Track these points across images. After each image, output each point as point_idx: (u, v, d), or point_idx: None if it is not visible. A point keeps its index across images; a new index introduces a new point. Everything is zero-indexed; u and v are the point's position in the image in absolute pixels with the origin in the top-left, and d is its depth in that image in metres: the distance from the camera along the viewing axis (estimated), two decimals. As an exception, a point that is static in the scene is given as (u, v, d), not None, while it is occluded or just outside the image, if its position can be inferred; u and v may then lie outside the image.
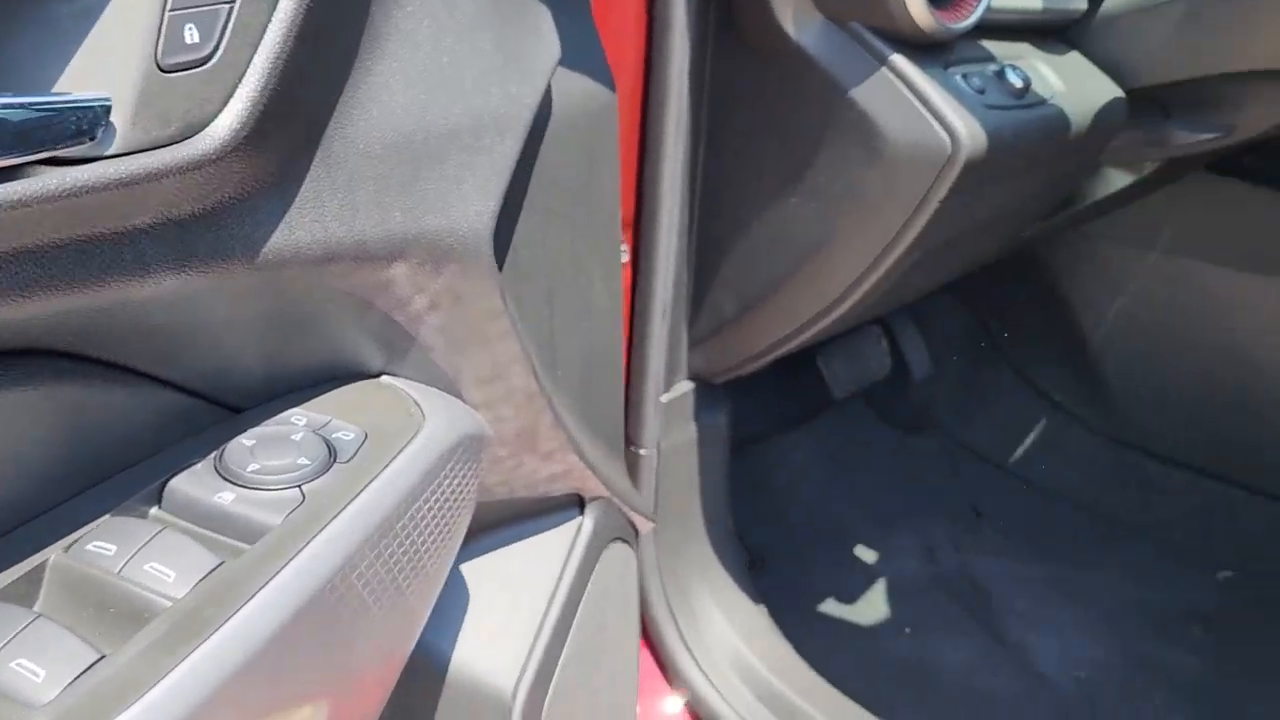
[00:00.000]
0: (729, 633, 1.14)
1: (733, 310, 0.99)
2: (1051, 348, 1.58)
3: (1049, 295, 1.54)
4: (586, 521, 0.71)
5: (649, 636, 1.13)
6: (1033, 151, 0.88)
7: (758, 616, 1.18)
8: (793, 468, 1.57)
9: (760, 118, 0.90)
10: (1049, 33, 0.99)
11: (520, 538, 0.68)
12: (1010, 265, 1.55)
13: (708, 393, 1.10)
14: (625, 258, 0.96)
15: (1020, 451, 1.61)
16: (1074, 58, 0.98)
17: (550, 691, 0.67)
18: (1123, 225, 1.43)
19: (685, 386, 1.07)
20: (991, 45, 0.90)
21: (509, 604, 0.67)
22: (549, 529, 0.69)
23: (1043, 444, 1.59)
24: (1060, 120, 0.88)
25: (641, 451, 1.06)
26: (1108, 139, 0.97)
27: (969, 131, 0.80)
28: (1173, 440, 1.50)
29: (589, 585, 0.71)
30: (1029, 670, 1.27)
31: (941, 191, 0.82)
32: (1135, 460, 1.53)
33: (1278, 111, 0.96)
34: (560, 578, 0.68)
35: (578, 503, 0.71)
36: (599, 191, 0.69)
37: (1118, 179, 1.24)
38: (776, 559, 1.43)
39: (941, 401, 1.67)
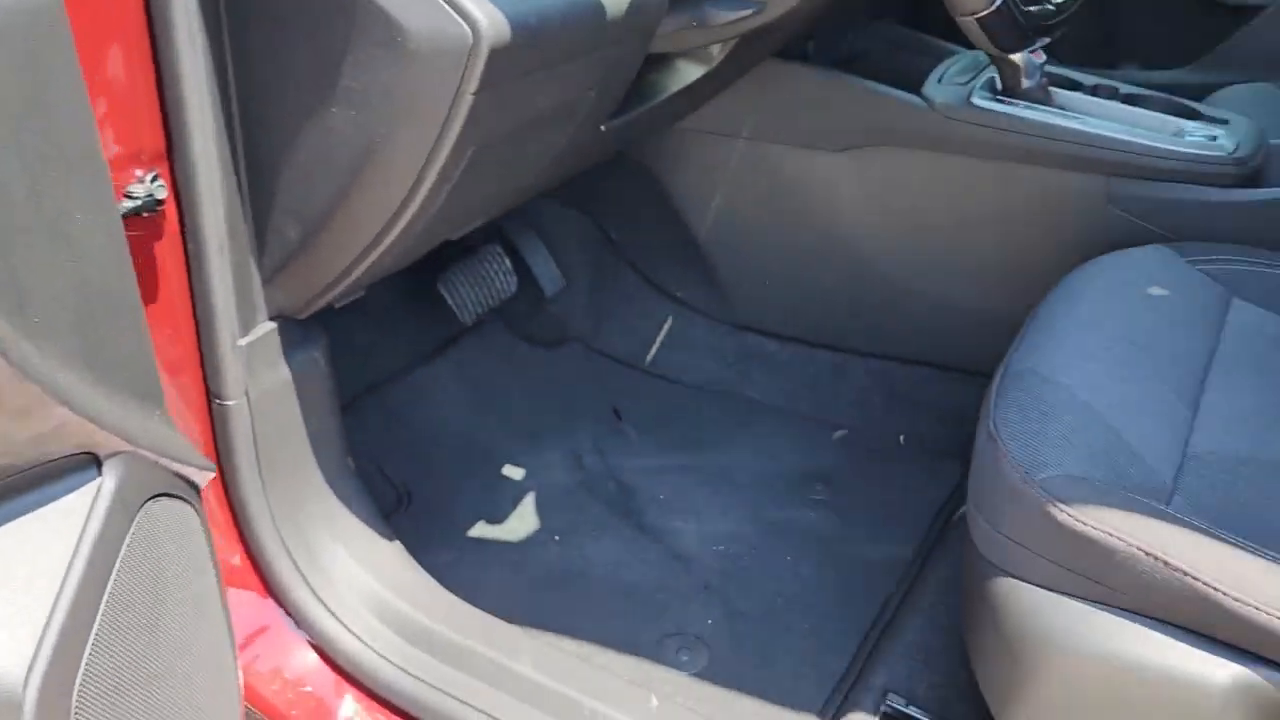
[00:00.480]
0: (362, 575, 1.09)
1: (297, 236, 0.93)
2: (667, 246, 1.63)
3: (657, 195, 1.58)
4: (107, 481, 0.63)
5: (275, 594, 1.07)
6: (567, 39, 0.87)
7: (394, 555, 1.15)
8: (435, 399, 1.54)
9: (285, 23, 0.83)
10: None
11: (21, 512, 0.60)
12: (618, 168, 1.58)
13: (297, 330, 1.03)
14: (163, 193, 0.87)
15: (654, 351, 1.66)
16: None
17: (81, 673, 0.60)
18: (713, 119, 1.48)
19: (267, 327, 1.00)
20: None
21: (18, 588, 0.59)
22: (59, 496, 0.61)
23: (672, 340, 1.65)
24: (591, 6, 0.88)
25: (230, 403, 0.98)
26: (650, 24, 0.98)
27: (489, 20, 0.78)
28: (784, 318, 1.59)
29: (124, 549, 0.64)
30: (672, 554, 1.32)
31: (472, 84, 0.79)
32: (755, 342, 1.62)
33: (800, -13, 1.02)
34: (77, 548, 0.60)
35: (94, 462, 0.64)
36: (56, 111, 0.60)
37: (690, 71, 1.27)
38: (424, 493, 1.40)
39: (577, 312, 1.69)
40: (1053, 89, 1.35)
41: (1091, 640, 0.81)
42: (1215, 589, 0.76)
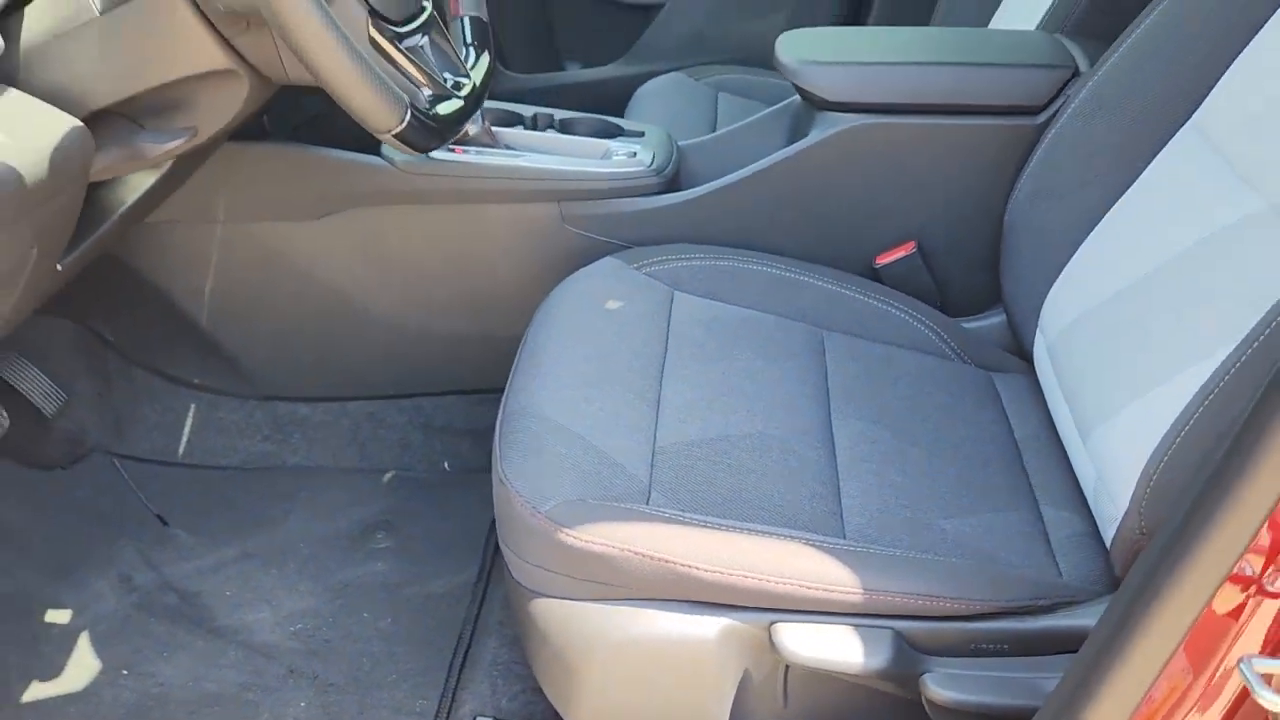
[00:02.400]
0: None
1: None
2: (170, 336, 1.59)
3: (146, 289, 1.54)
4: None
5: None
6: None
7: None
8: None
9: None
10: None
11: None
12: (99, 269, 1.51)
13: None
14: None
15: (184, 443, 1.62)
16: (14, 96, 0.95)
17: None
18: (184, 208, 1.46)
19: None
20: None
21: None
22: None
23: (200, 428, 1.63)
24: (7, 180, 0.86)
25: None
26: (78, 172, 0.97)
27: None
28: (310, 381, 1.63)
29: None
30: (252, 650, 1.33)
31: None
32: (287, 410, 1.64)
33: (225, 105, 1.05)
34: None
35: None
36: None
37: (142, 179, 1.26)
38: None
39: (90, 423, 1.61)
40: (497, 129, 1.50)
41: (613, 633, 0.98)
42: (690, 566, 0.95)
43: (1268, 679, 0.63)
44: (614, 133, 1.56)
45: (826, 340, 1.31)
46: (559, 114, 1.58)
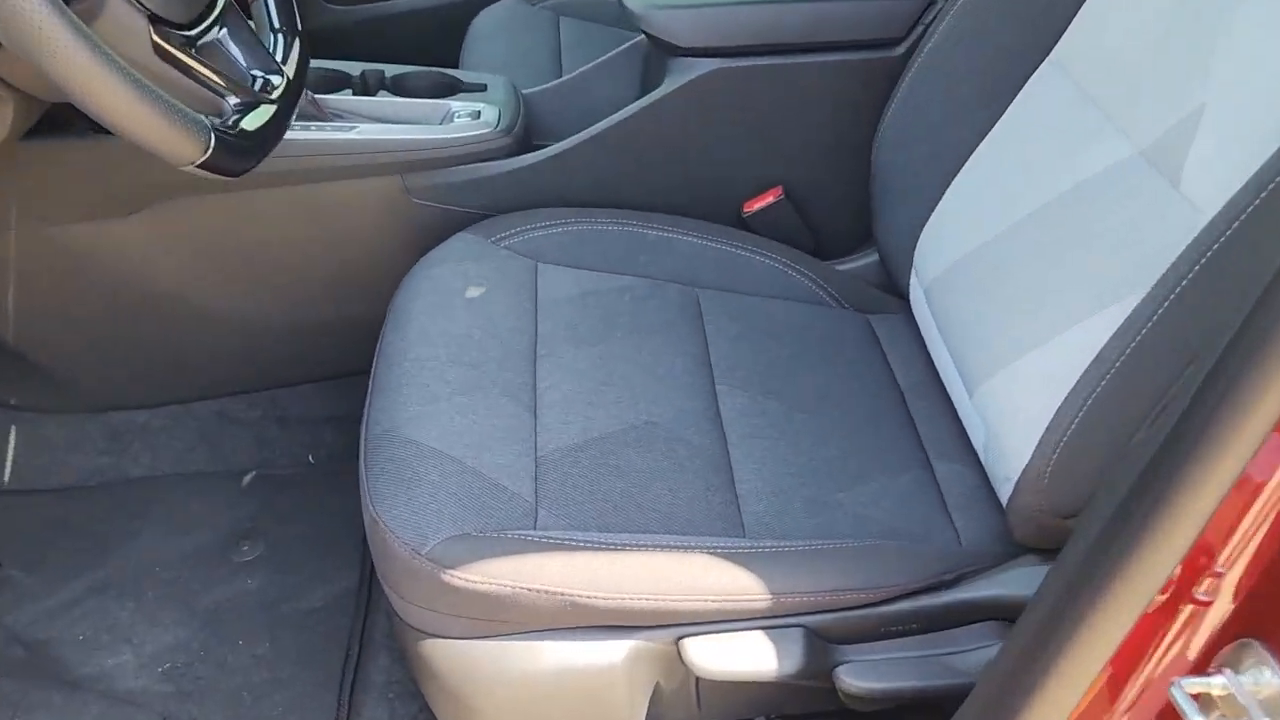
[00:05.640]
0: None
1: None
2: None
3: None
4: None
5: None
6: None
7: None
8: None
9: None
10: None
11: None
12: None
13: None
14: None
15: (8, 469, 1.46)
16: None
17: None
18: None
19: None
20: None
21: None
22: None
23: (26, 449, 1.47)
24: None
25: None
26: None
27: None
28: (146, 386, 1.48)
29: None
30: (116, 698, 1.22)
31: None
32: (123, 419, 1.49)
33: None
34: None
35: None
36: None
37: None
38: None
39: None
40: (323, 97, 1.35)
41: (512, 669, 0.92)
42: (588, 596, 0.89)
43: (1197, 698, 0.62)
44: (453, 87, 1.43)
45: (702, 299, 1.26)
46: (390, 70, 1.44)
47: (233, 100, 0.88)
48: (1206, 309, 0.82)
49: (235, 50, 0.93)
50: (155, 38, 0.81)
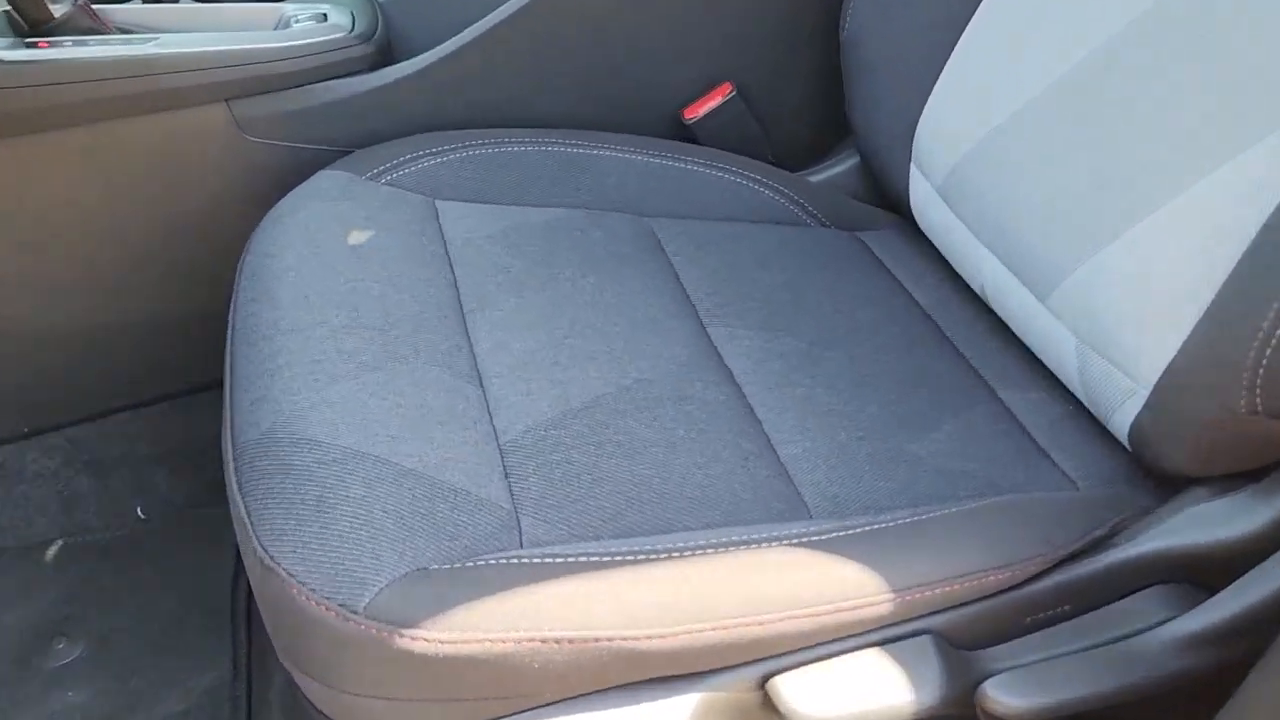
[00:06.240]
0: None
1: None
2: None
3: None
4: None
5: None
6: None
7: None
8: None
9: None
10: None
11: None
12: None
13: None
14: None
15: None
16: None
17: None
18: None
19: None
20: None
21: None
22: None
23: None
24: None
25: None
26: None
27: None
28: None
29: None
30: None
31: None
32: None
33: None
34: None
35: None
36: None
37: None
38: None
39: None
40: (102, 7, 0.98)
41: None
42: (624, 636, 0.57)
43: None
44: (283, -11, 1.08)
45: (657, 229, 0.96)
46: (193, -28, 1.08)
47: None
48: None
49: None
50: None
